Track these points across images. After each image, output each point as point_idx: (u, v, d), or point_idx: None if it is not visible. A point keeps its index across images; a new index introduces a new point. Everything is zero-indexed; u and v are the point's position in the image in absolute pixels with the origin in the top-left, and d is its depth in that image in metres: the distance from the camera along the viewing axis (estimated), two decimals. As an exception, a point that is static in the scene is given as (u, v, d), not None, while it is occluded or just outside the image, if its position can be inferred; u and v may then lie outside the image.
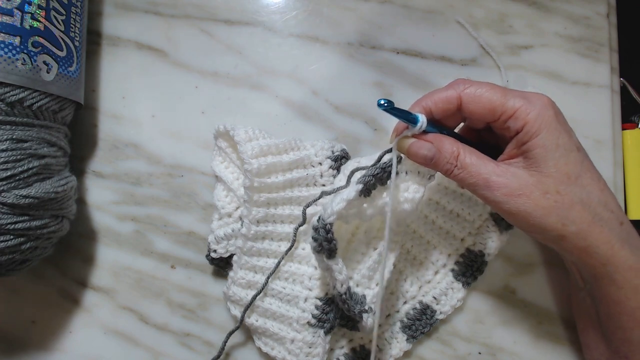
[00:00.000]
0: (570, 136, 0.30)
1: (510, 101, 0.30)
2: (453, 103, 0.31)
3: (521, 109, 0.30)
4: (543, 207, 0.29)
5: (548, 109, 0.30)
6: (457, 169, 0.31)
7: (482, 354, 0.42)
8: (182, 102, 0.44)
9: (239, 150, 0.38)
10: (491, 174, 0.30)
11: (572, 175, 0.30)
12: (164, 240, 0.43)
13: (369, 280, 0.37)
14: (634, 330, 0.31)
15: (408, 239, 0.41)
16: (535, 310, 0.42)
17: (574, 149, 0.30)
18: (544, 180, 0.29)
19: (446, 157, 0.31)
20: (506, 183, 0.30)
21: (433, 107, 0.32)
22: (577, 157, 0.30)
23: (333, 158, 0.41)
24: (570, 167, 0.30)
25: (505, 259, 0.42)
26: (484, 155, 0.31)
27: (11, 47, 0.34)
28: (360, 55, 0.45)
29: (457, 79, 0.33)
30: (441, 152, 0.31)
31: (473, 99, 0.31)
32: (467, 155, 0.31)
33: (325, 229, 0.31)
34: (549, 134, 0.29)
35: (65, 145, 0.39)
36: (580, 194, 0.30)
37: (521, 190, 0.29)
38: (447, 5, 0.46)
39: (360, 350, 0.41)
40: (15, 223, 0.34)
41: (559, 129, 0.30)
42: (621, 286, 0.30)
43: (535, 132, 0.29)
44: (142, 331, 0.42)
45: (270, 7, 0.46)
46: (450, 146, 0.31)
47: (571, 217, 0.29)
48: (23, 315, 0.42)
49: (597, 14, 0.45)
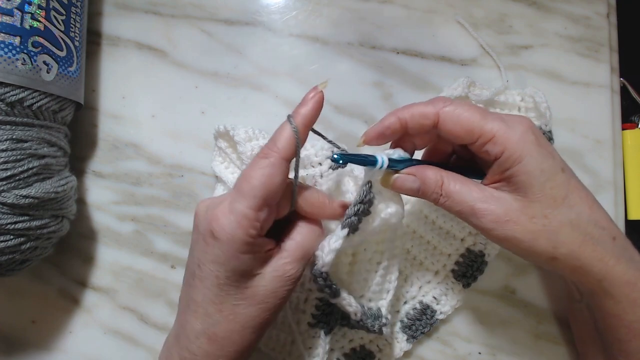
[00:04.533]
0: (553, 157, 0.30)
1: (489, 124, 0.29)
2: (430, 119, 0.30)
3: (500, 133, 0.29)
4: (531, 232, 0.29)
5: (528, 134, 0.29)
6: (442, 197, 0.30)
7: (482, 354, 0.42)
8: (182, 102, 0.44)
9: (238, 151, 0.38)
10: (476, 200, 0.29)
11: (559, 198, 0.29)
12: (164, 240, 0.43)
13: (380, 292, 0.37)
14: (632, 342, 0.31)
15: (408, 239, 0.41)
16: (534, 310, 0.42)
17: (558, 170, 0.29)
18: (530, 205, 0.29)
19: (431, 187, 0.30)
20: (492, 210, 0.29)
21: (409, 120, 0.31)
22: (562, 178, 0.29)
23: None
24: (556, 190, 0.29)
25: (505, 259, 0.42)
26: (469, 180, 0.31)
27: (11, 47, 0.34)
28: (360, 55, 0.45)
29: (437, 97, 0.32)
30: (425, 182, 0.30)
31: (451, 118, 0.30)
32: (452, 183, 0.30)
33: (322, 277, 0.31)
34: (532, 159, 0.29)
35: (65, 145, 0.39)
36: (569, 215, 0.29)
37: (508, 217, 0.29)
38: (447, 5, 0.46)
39: (360, 350, 0.41)
40: (15, 223, 0.34)
41: (542, 153, 0.29)
42: (618, 300, 0.30)
43: (517, 158, 0.29)
44: (142, 331, 0.42)
45: (270, 7, 0.46)
46: (434, 175, 0.30)
47: (561, 239, 0.29)
48: (23, 315, 0.42)
49: (597, 14, 0.45)
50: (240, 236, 0.27)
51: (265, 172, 0.28)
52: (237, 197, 0.28)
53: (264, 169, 0.28)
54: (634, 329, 0.30)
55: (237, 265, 0.28)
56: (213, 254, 0.28)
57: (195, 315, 0.29)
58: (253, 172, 0.28)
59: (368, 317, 0.35)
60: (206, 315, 0.29)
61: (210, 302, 0.29)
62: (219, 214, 0.28)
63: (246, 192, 0.27)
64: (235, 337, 0.29)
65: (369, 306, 0.36)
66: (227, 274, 0.28)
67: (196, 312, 0.29)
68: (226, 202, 0.28)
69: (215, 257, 0.28)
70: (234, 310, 0.29)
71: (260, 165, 0.28)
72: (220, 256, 0.28)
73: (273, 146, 0.28)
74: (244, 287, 0.29)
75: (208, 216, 0.28)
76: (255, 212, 0.27)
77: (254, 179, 0.27)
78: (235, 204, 0.27)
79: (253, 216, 0.27)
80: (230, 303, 0.29)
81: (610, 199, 0.43)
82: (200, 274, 0.29)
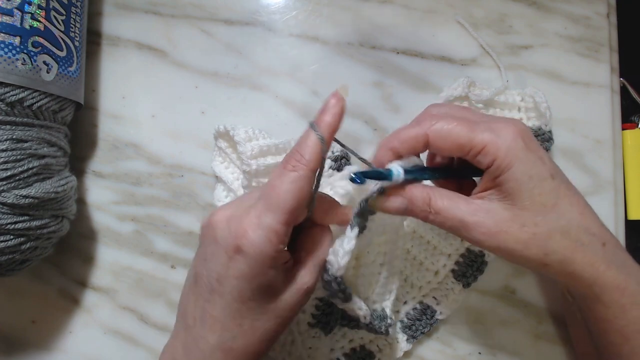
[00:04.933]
0: (543, 163, 0.29)
1: (477, 137, 0.29)
2: (420, 142, 0.30)
3: (489, 145, 0.29)
4: (522, 241, 0.29)
5: (517, 141, 0.29)
6: (431, 214, 0.30)
7: (482, 354, 0.42)
8: (182, 102, 0.44)
9: (238, 151, 0.38)
10: (465, 214, 0.29)
11: (548, 204, 0.29)
12: (164, 240, 0.43)
13: (383, 294, 0.37)
14: (624, 346, 0.31)
15: (408, 239, 0.41)
16: (534, 310, 0.42)
17: (547, 177, 0.29)
18: (519, 214, 0.29)
19: (419, 206, 0.30)
20: (482, 222, 0.29)
21: (400, 148, 0.31)
22: (551, 185, 0.29)
23: (333, 158, 0.41)
24: (545, 197, 0.29)
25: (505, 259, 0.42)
26: (456, 195, 0.31)
27: (11, 47, 0.34)
28: (360, 55, 0.45)
29: (426, 111, 0.32)
30: (412, 201, 0.30)
31: (440, 137, 0.30)
32: (439, 199, 0.30)
33: (336, 281, 0.31)
34: (521, 165, 0.28)
35: (65, 145, 0.39)
36: (559, 222, 0.29)
37: (498, 227, 0.29)
38: (447, 5, 0.46)
39: (360, 350, 0.41)
40: (15, 223, 0.34)
41: (531, 159, 0.29)
42: (608, 305, 0.30)
43: (506, 166, 0.29)
44: (142, 331, 0.42)
45: (270, 7, 0.46)
46: (420, 193, 0.30)
47: (551, 246, 0.29)
48: (23, 315, 0.42)
49: (597, 14, 0.45)
50: (270, 252, 0.26)
51: (296, 186, 0.27)
52: (265, 211, 0.27)
53: (294, 183, 0.27)
54: (625, 333, 0.30)
55: (263, 281, 0.27)
56: (238, 269, 0.27)
57: (212, 330, 0.29)
58: (283, 185, 0.27)
59: (375, 318, 0.35)
60: (224, 330, 0.28)
61: (230, 317, 0.28)
62: (248, 229, 0.27)
63: (275, 206, 0.27)
64: (251, 349, 0.29)
65: (374, 308, 0.36)
66: (252, 290, 0.27)
67: (213, 327, 0.29)
68: (252, 215, 0.27)
69: (240, 272, 0.27)
70: (253, 325, 0.28)
71: (290, 179, 0.27)
72: (247, 272, 0.27)
73: (301, 158, 0.27)
74: (266, 303, 0.28)
75: (233, 230, 0.27)
76: (286, 227, 0.27)
77: (284, 192, 0.27)
78: (265, 219, 0.26)
79: (283, 231, 0.27)
80: (250, 318, 0.28)
81: (610, 199, 0.43)
82: (220, 289, 0.28)
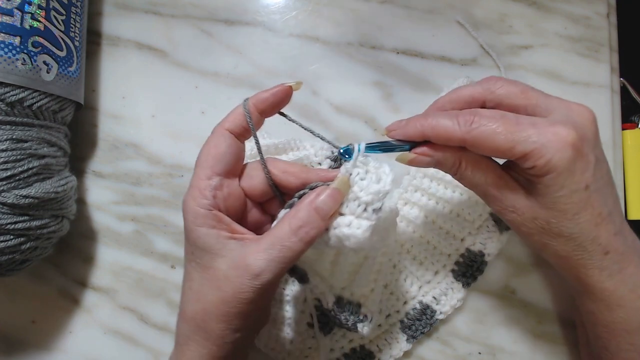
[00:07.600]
0: (583, 172, 0.28)
1: (519, 146, 0.28)
2: (455, 142, 0.29)
3: (533, 153, 0.27)
4: (529, 229, 0.30)
5: (565, 152, 0.27)
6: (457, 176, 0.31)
7: (482, 354, 0.42)
8: (182, 102, 0.44)
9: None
10: (490, 185, 0.31)
11: (569, 213, 0.29)
12: (164, 240, 0.43)
13: (362, 287, 0.37)
14: (611, 341, 0.32)
15: (408, 239, 0.41)
16: (534, 310, 0.42)
17: (580, 188, 0.28)
18: (538, 209, 0.29)
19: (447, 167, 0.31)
20: (501, 199, 0.31)
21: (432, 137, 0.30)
22: (581, 196, 0.28)
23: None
24: (570, 206, 0.29)
25: (505, 259, 0.42)
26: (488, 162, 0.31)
27: (11, 47, 0.34)
28: (360, 55, 0.45)
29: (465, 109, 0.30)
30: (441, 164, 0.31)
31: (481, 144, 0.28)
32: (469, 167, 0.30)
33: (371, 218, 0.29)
34: (558, 176, 0.28)
35: (65, 145, 0.39)
36: (571, 230, 0.29)
37: (513, 208, 0.30)
38: (447, 5, 0.46)
39: (360, 350, 0.41)
40: (15, 223, 0.34)
41: (571, 171, 0.28)
42: (594, 300, 0.31)
43: (545, 172, 0.28)
44: (142, 331, 0.42)
45: (270, 7, 0.46)
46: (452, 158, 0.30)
47: (553, 245, 0.30)
48: (23, 315, 0.42)
49: (597, 14, 0.45)
50: (193, 206, 0.28)
51: (209, 143, 0.30)
52: (194, 172, 0.30)
53: (208, 142, 0.30)
54: (611, 329, 0.31)
55: (195, 239, 0.28)
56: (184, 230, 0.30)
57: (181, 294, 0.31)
58: (202, 147, 0.30)
59: (342, 308, 0.35)
60: (182, 293, 0.30)
61: (185, 279, 0.30)
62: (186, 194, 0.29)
63: (197, 165, 0.29)
64: (199, 317, 0.28)
65: (350, 299, 0.36)
66: (190, 248, 0.29)
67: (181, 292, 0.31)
68: None
69: (185, 233, 0.29)
70: (200, 290, 0.29)
71: (206, 141, 0.30)
72: (185, 231, 0.29)
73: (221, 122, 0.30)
74: (205, 266, 0.28)
75: None
76: (204, 181, 0.29)
77: (200, 152, 0.30)
78: (191, 180, 0.29)
79: (202, 185, 0.29)
80: (197, 281, 0.29)
81: (610, 199, 0.43)
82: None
